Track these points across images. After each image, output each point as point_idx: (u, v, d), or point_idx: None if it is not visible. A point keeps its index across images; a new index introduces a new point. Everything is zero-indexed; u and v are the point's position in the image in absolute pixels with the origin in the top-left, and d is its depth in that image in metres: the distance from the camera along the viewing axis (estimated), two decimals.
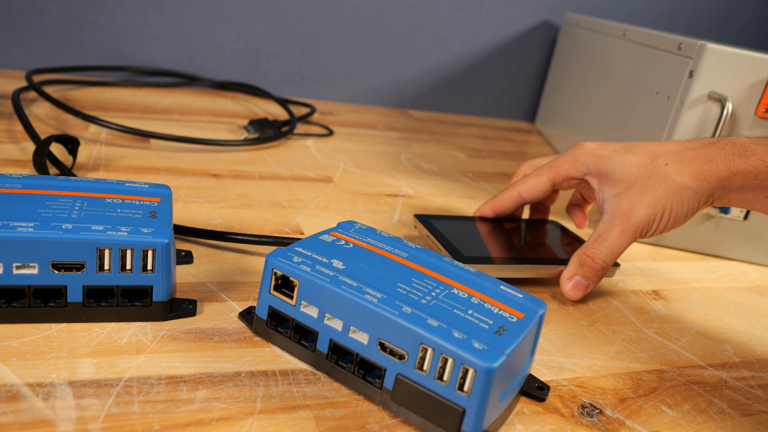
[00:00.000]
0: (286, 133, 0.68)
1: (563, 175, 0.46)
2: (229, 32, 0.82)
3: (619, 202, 0.42)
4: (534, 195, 0.48)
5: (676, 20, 1.02)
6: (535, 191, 0.48)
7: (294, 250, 0.33)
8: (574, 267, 0.42)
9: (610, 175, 0.43)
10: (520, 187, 0.48)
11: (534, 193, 0.48)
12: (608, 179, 0.43)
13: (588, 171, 0.45)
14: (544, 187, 0.47)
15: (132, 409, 0.27)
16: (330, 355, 0.31)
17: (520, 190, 0.48)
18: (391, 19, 0.88)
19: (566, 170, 0.46)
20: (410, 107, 0.95)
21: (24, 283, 0.31)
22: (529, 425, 0.31)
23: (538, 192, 0.48)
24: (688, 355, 0.40)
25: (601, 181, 0.44)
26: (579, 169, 0.45)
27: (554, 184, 0.47)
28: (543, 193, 0.48)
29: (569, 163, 0.46)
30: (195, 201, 0.49)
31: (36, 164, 0.47)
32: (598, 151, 0.45)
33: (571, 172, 0.46)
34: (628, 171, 0.42)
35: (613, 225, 0.41)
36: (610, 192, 0.43)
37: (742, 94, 0.52)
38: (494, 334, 0.28)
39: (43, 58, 0.77)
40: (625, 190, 0.42)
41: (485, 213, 0.50)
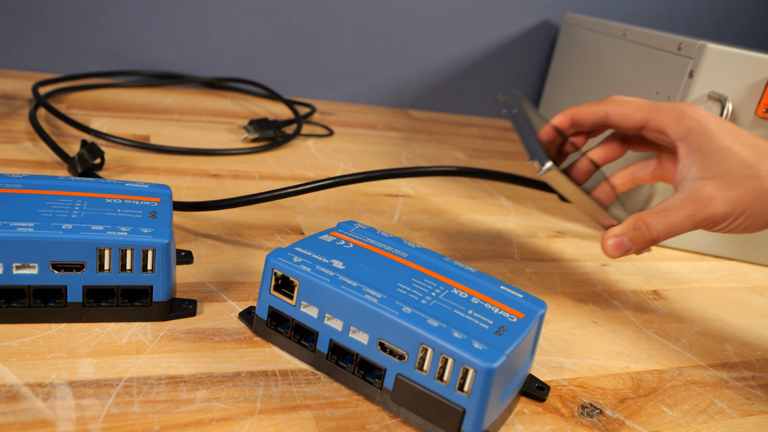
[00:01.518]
0: (294, 135, 0.68)
1: (659, 126, 0.41)
2: (229, 32, 0.82)
3: (702, 186, 0.38)
4: (620, 122, 0.42)
5: (676, 20, 1.02)
6: (625, 120, 0.42)
7: (294, 250, 0.33)
8: (626, 226, 0.39)
9: (706, 155, 0.39)
10: (611, 106, 0.43)
11: (622, 120, 0.42)
12: (702, 159, 0.39)
13: (685, 139, 0.40)
14: (634, 121, 0.42)
15: (132, 409, 0.27)
16: (330, 355, 0.31)
17: (609, 109, 0.43)
18: (391, 19, 0.88)
19: (665, 123, 0.40)
20: (410, 107, 0.95)
21: (24, 283, 0.31)
22: (529, 425, 0.31)
23: (627, 122, 0.42)
24: (688, 355, 0.40)
25: (692, 157, 0.39)
26: (677, 131, 0.40)
27: (645, 127, 0.42)
28: (630, 125, 0.42)
29: (673, 118, 0.40)
30: (195, 201, 0.49)
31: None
32: (707, 124, 0.39)
33: (668, 128, 0.40)
34: (727, 161, 0.38)
35: (685, 205, 0.38)
36: (697, 173, 0.39)
37: (742, 94, 0.52)
38: (494, 334, 0.28)
39: (43, 58, 0.77)
40: (714, 178, 0.38)
41: (561, 123, 0.45)
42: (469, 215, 0.57)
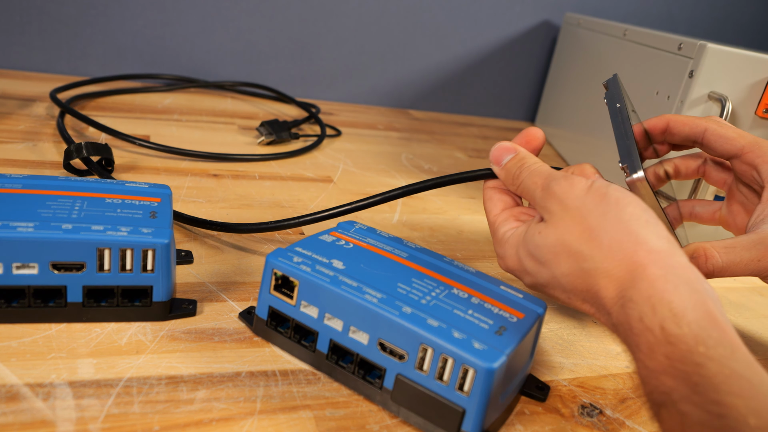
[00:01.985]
0: (321, 138, 0.68)
1: (755, 160, 0.38)
2: (229, 33, 0.82)
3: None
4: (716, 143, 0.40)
5: (676, 20, 1.02)
6: (723, 142, 0.39)
7: (294, 250, 0.33)
8: (684, 251, 0.36)
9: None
10: (712, 125, 0.40)
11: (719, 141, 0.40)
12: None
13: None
14: (732, 148, 0.39)
15: (132, 409, 0.27)
16: (330, 355, 0.31)
17: (710, 126, 0.40)
18: (391, 19, 0.88)
19: (763, 161, 0.38)
20: (410, 107, 0.95)
21: (24, 283, 0.31)
22: (529, 425, 0.31)
23: (724, 146, 0.39)
24: None
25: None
26: (766, 172, 0.38)
27: (739, 157, 0.39)
28: (725, 150, 0.40)
29: (766, 156, 0.38)
30: (195, 201, 0.49)
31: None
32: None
33: (763, 167, 0.38)
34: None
35: (755, 247, 0.35)
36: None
37: (742, 94, 0.52)
38: (494, 334, 0.28)
39: (43, 58, 0.77)
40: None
41: (654, 128, 0.43)
42: (469, 215, 0.57)
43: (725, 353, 0.24)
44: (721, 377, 0.23)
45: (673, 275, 0.27)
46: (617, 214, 0.29)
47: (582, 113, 0.80)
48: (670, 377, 0.24)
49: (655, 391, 0.25)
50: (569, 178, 0.32)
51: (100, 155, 0.50)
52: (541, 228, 0.32)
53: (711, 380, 0.23)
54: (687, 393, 0.23)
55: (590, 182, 0.32)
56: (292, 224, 0.42)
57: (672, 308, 0.25)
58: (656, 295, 0.26)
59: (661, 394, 0.24)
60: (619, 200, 0.30)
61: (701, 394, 0.23)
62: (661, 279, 0.26)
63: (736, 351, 0.24)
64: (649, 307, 0.26)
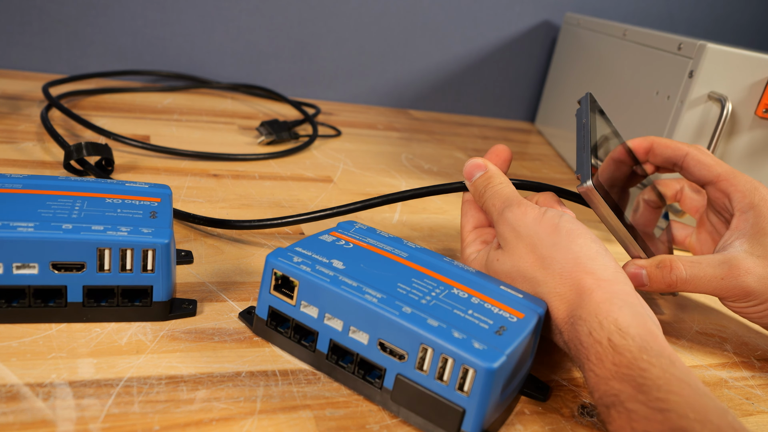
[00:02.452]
0: (312, 138, 0.67)
1: (728, 189, 0.40)
2: (229, 32, 0.82)
3: (744, 257, 0.37)
4: (695, 168, 0.41)
5: (676, 20, 1.02)
6: (701, 168, 0.41)
7: (294, 250, 0.33)
8: (650, 261, 0.39)
9: (759, 235, 0.38)
10: (694, 151, 0.42)
11: (698, 166, 0.41)
12: (754, 237, 0.38)
13: (746, 212, 0.39)
14: (709, 174, 0.41)
15: (132, 409, 0.27)
16: (330, 355, 0.31)
17: (691, 151, 0.42)
18: (391, 19, 0.88)
19: (735, 189, 0.40)
20: (410, 107, 0.95)
21: (24, 283, 0.31)
22: (529, 425, 0.31)
23: (701, 171, 0.41)
24: (688, 355, 0.40)
25: (743, 230, 0.39)
26: (742, 202, 0.39)
27: (714, 184, 0.41)
28: (703, 176, 0.41)
29: (744, 189, 0.39)
30: (195, 201, 0.49)
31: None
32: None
33: (735, 195, 0.40)
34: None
35: (720, 266, 0.37)
36: (743, 245, 0.38)
37: (742, 94, 0.52)
38: (494, 334, 0.28)
39: (43, 58, 0.77)
40: (759, 257, 0.37)
41: (637, 147, 0.44)
42: None
43: (665, 362, 0.27)
44: (663, 380, 0.26)
45: (618, 299, 0.30)
46: (567, 244, 0.32)
47: None
48: (618, 381, 0.27)
49: (605, 395, 0.27)
50: (523, 206, 0.35)
51: (100, 155, 0.50)
52: (498, 255, 0.35)
53: (654, 382, 0.26)
54: (633, 393, 0.26)
55: (543, 211, 0.34)
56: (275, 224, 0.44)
57: (617, 324, 0.29)
58: (602, 314, 0.29)
59: (610, 397, 0.27)
60: (570, 231, 0.33)
61: (646, 393, 0.26)
62: (606, 302, 0.30)
63: (675, 362, 0.27)
64: (597, 323, 0.29)
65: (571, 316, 0.31)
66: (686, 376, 0.27)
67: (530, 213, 0.34)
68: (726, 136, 0.54)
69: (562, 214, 0.34)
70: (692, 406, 0.25)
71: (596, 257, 0.32)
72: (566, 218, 0.34)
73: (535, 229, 0.34)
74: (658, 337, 0.29)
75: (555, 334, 0.33)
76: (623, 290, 0.31)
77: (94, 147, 0.49)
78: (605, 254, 0.33)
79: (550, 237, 0.33)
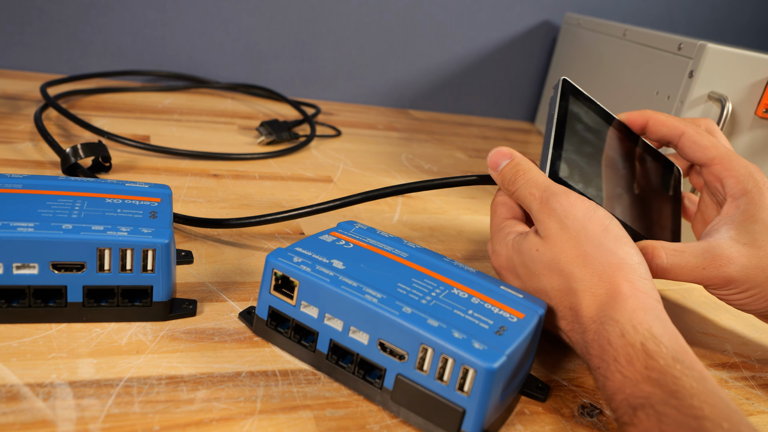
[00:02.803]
0: (310, 138, 0.67)
1: (722, 173, 0.39)
2: (229, 32, 0.82)
3: (728, 246, 0.36)
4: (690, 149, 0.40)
5: (676, 20, 1.02)
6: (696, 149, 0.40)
7: (294, 250, 0.33)
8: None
9: (748, 222, 0.37)
10: (691, 130, 0.40)
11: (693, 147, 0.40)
12: (743, 223, 0.37)
13: (738, 198, 0.38)
14: (703, 156, 0.40)
15: (132, 409, 0.27)
16: (330, 355, 0.31)
17: (688, 131, 0.40)
18: (391, 19, 0.88)
19: (729, 174, 0.39)
20: (410, 107, 0.95)
21: (24, 283, 0.31)
22: (529, 425, 0.31)
23: (696, 153, 0.40)
24: None
25: (734, 217, 0.38)
26: (735, 188, 0.38)
27: (708, 167, 0.40)
28: (697, 157, 0.40)
29: (738, 174, 0.38)
30: (195, 201, 0.49)
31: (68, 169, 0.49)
32: (767, 194, 0.37)
33: (728, 181, 0.39)
34: (766, 236, 0.36)
35: (702, 256, 0.36)
36: (730, 232, 0.37)
37: (742, 94, 0.52)
38: (494, 334, 0.28)
39: (43, 58, 0.77)
40: (744, 245, 0.36)
41: (633, 121, 0.43)
42: (469, 215, 0.57)
43: (697, 375, 0.27)
44: (697, 390, 0.26)
45: (652, 311, 0.30)
46: (614, 248, 0.32)
47: None
48: (649, 384, 0.27)
49: (632, 397, 0.27)
50: (569, 197, 0.34)
51: (96, 154, 0.50)
52: (538, 244, 0.34)
53: (688, 390, 0.26)
54: (665, 398, 0.26)
55: (594, 207, 0.34)
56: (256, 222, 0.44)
57: (652, 332, 0.28)
58: (636, 319, 0.29)
59: (638, 398, 0.27)
60: (618, 237, 0.33)
61: (679, 399, 0.26)
62: (641, 310, 0.30)
63: (707, 377, 0.27)
64: (630, 326, 0.29)
65: (602, 315, 0.30)
66: (718, 390, 0.27)
67: (580, 206, 0.33)
68: (726, 136, 0.54)
69: (612, 217, 0.34)
70: (727, 418, 0.25)
71: (638, 268, 0.32)
72: (616, 222, 0.33)
73: (584, 224, 0.33)
74: (689, 353, 0.28)
75: (575, 329, 0.32)
76: (657, 306, 0.31)
77: (89, 147, 0.49)
78: (646, 269, 0.32)
79: (598, 236, 0.32)
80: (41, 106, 0.59)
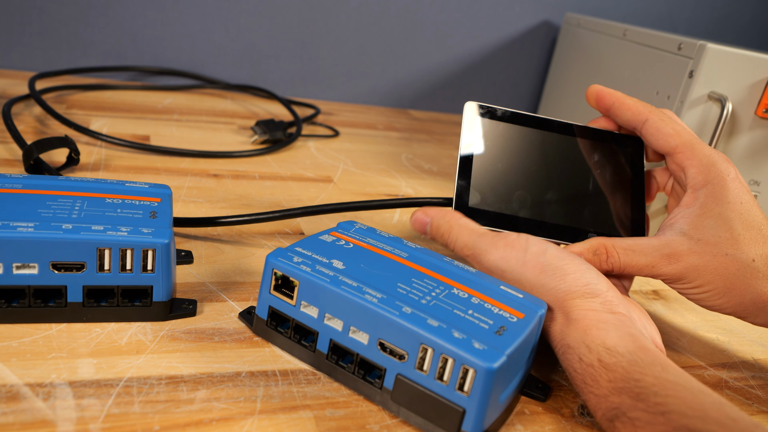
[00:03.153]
0: (294, 137, 0.67)
1: (684, 163, 0.38)
2: (229, 32, 0.82)
3: (679, 243, 0.36)
4: (652, 136, 0.39)
5: (676, 20, 1.02)
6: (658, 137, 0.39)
7: (294, 250, 0.33)
8: (586, 247, 0.38)
9: (703, 216, 0.36)
10: (655, 117, 0.39)
11: (655, 134, 0.39)
12: (698, 217, 0.37)
13: (698, 189, 0.37)
14: (665, 145, 0.39)
15: (132, 409, 0.27)
16: (330, 355, 0.31)
17: (652, 117, 0.39)
18: (391, 19, 0.88)
19: (691, 164, 0.38)
20: (410, 107, 0.95)
21: (24, 283, 0.31)
22: (529, 425, 0.31)
23: (658, 141, 0.39)
24: (688, 355, 0.40)
25: (691, 209, 0.37)
26: (696, 178, 0.37)
27: (671, 155, 0.39)
28: (659, 146, 0.39)
29: (700, 163, 0.37)
30: (195, 201, 0.49)
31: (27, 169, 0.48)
32: (727, 186, 0.36)
33: (690, 171, 0.38)
34: (719, 231, 0.36)
35: (652, 254, 0.37)
36: (685, 227, 0.37)
37: (742, 94, 0.52)
38: (494, 334, 0.28)
39: (43, 58, 0.77)
40: (696, 241, 0.36)
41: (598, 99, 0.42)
42: None
43: (657, 369, 0.28)
44: (658, 386, 0.27)
45: (604, 324, 0.31)
46: (556, 285, 0.33)
47: (582, 113, 0.80)
48: (616, 395, 0.28)
49: (607, 411, 0.28)
50: (497, 250, 0.35)
51: (61, 148, 0.49)
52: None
53: (650, 389, 0.27)
54: (632, 402, 0.27)
55: (523, 249, 0.35)
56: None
57: (605, 345, 0.30)
58: (589, 338, 0.30)
59: (611, 411, 0.28)
60: (557, 270, 0.34)
61: (644, 400, 0.27)
62: (593, 327, 0.31)
63: (667, 367, 0.28)
64: (584, 347, 0.30)
65: (562, 344, 0.32)
66: (680, 378, 0.28)
67: (511, 257, 0.35)
68: (726, 136, 0.54)
69: (545, 249, 0.34)
70: (690, 405, 0.26)
71: (585, 290, 0.33)
72: (550, 254, 0.34)
73: (520, 272, 0.34)
74: (649, 350, 0.29)
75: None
76: (610, 317, 0.31)
77: (53, 142, 0.49)
78: (596, 282, 0.33)
79: (538, 279, 0.34)
80: (11, 99, 0.59)
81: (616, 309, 0.32)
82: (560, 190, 0.41)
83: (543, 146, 0.42)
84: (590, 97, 0.42)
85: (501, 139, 0.41)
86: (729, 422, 0.25)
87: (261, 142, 0.65)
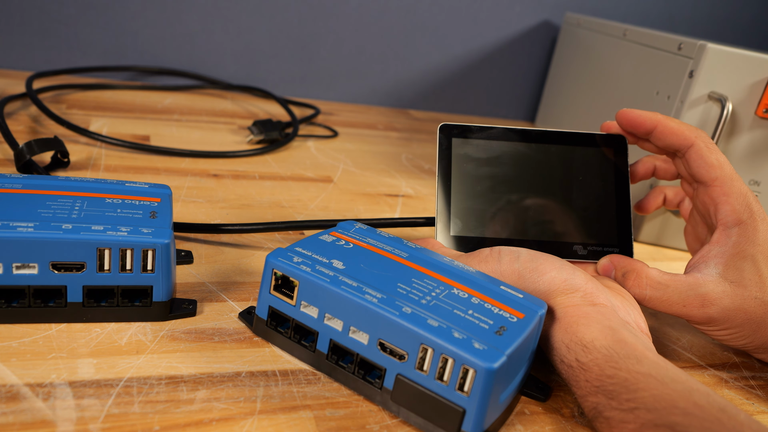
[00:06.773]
0: (291, 137, 0.67)
1: (719, 198, 0.37)
2: (229, 32, 0.82)
3: (714, 287, 0.35)
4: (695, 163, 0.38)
5: (676, 20, 1.02)
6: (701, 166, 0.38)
7: (294, 250, 0.33)
8: (624, 265, 0.38)
9: (737, 258, 0.36)
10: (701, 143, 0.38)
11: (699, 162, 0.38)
12: (732, 259, 0.36)
13: (730, 228, 0.37)
14: (706, 175, 0.38)
15: (132, 409, 0.27)
16: (330, 355, 0.31)
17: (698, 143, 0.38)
18: (391, 19, 0.88)
19: (725, 201, 0.37)
20: (410, 107, 0.95)
21: (24, 283, 0.31)
22: (529, 425, 0.31)
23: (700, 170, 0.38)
24: (688, 355, 0.40)
25: (725, 248, 0.36)
26: (728, 216, 0.37)
27: (710, 186, 0.38)
28: (700, 176, 0.38)
29: (735, 201, 0.37)
30: (195, 201, 0.49)
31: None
32: (759, 227, 0.36)
33: (723, 207, 0.37)
34: (751, 275, 0.35)
35: (686, 295, 0.36)
36: (718, 268, 0.36)
37: (742, 94, 0.52)
38: (494, 334, 0.28)
39: (43, 58, 0.77)
40: (729, 283, 0.35)
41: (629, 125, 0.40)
42: None
43: (632, 363, 0.28)
44: (630, 381, 0.27)
45: (584, 319, 0.31)
46: (535, 287, 0.34)
47: (582, 113, 0.80)
48: (593, 395, 0.29)
49: (588, 411, 0.29)
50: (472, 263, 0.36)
51: (52, 150, 0.49)
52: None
53: (622, 385, 0.27)
54: (606, 402, 0.28)
55: (497, 260, 0.35)
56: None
57: (582, 342, 0.30)
58: (567, 336, 0.31)
59: (591, 411, 0.29)
60: (533, 271, 0.34)
61: (616, 398, 0.27)
62: (573, 324, 0.31)
63: (642, 359, 0.28)
64: (564, 348, 0.31)
65: (547, 347, 0.33)
66: (652, 369, 0.28)
67: (488, 272, 0.35)
68: (726, 136, 0.54)
69: (518, 254, 0.35)
70: (658, 397, 0.26)
71: (564, 286, 0.33)
72: (524, 257, 0.35)
73: (503, 275, 0.35)
74: (626, 342, 0.29)
75: None
76: (590, 310, 0.32)
77: (43, 143, 0.48)
78: (573, 277, 0.33)
79: (518, 285, 0.34)
80: (5, 98, 0.59)
81: (597, 300, 0.32)
82: (542, 204, 0.41)
83: (522, 159, 0.41)
84: (622, 121, 0.41)
85: (482, 158, 0.41)
86: (695, 410, 0.25)
87: (257, 141, 0.65)
